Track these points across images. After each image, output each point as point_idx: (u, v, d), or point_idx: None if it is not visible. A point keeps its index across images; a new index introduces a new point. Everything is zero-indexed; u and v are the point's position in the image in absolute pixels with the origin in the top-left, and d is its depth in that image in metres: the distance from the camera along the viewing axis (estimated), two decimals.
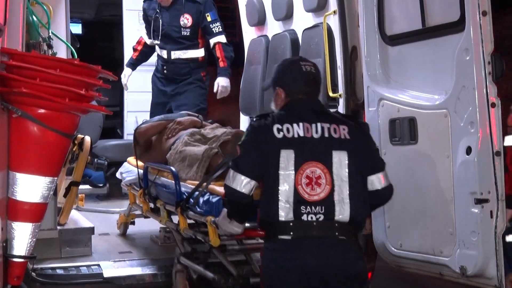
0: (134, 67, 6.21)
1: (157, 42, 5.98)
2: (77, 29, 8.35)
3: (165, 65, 5.97)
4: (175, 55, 5.92)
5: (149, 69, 6.47)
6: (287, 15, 5.55)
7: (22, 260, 3.40)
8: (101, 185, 6.69)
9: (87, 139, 4.88)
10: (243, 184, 3.06)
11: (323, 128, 3.07)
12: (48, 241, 4.13)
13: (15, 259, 3.38)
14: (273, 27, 5.84)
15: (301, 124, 3.06)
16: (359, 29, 4.24)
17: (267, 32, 5.98)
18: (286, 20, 5.63)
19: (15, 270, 3.39)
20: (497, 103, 3.36)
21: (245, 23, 6.32)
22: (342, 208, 2.99)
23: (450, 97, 3.55)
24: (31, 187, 3.37)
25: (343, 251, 3.00)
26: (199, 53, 5.96)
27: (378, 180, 3.14)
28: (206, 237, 3.70)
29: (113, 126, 7.95)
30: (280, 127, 3.05)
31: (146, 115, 6.37)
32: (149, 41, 6.12)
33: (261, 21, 6.02)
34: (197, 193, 3.76)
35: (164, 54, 5.96)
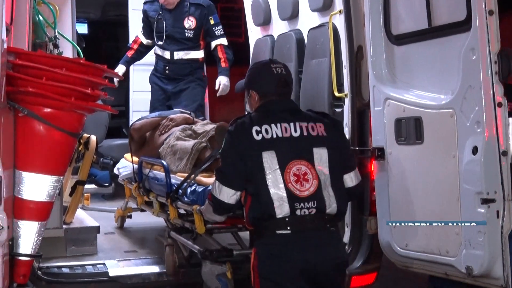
0: (128, 65, 6.28)
1: (160, 43, 6.06)
2: (83, 28, 8.37)
3: (167, 65, 6.11)
4: (178, 55, 6.05)
5: None
6: (292, 14, 5.55)
7: (28, 258, 3.42)
8: (107, 184, 6.70)
9: (93, 138, 4.89)
10: (229, 196, 3.21)
11: (301, 127, 3.22)
12: (54, 239, 4.14)
13: (21, 258, 3.40)
14: (279, 27, 5.84)
15: (279, 124, 3.20)
16: (365, 28, 4.23)
17: (272, 31, 5.98)
18: (291, 19, 5.62)
19: (21, 268, 3.40)
20: (504, 103, 3.34)
21: (250, 23, 6.32)
22: (330, 201, 3.18)
23: (456, 96, 3.54)
24: (37, 186, 3.38)
25: (334, 241, 3.25)
26: (200, 54, 6.14)
27: (350, 178, 3.34)
28: (193, 225, 3.90)
29: (118, 125, 7.96)
30: (258, 129, 3.17)
31: None
32: (145, 41, 6.20)
33: (266, 21, 6.02)
34: (185, 184, 3.98)
35: (166, 54, 6.08)
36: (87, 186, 5.41)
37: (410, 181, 3.88)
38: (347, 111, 4.50)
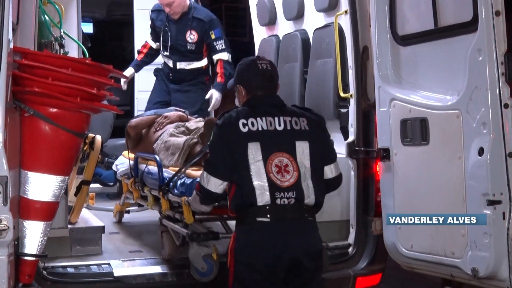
0: (138, 68, 6.30)
1: (166, 53, 6.12)
2: (88, 28, 8.37)
3: (170, 73, 6.18)
4: (181, 65, 6.11)
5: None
6: (298, 14, 5.54)
7: (33, 258, 3.42)
8: (112, 184, 6.70)
9: (98, 138, 4.89)
10: (217, 185, 3.38)
11: (285, 121, 3.39)
12: (59, 239, 4.13)
13: (27, 258, 3.40)
14: (284, 27, 5.83)
15: (264, 118, 3.37)
16: (371, 29, 4.22)
17: (277, 31, 5.98)
18: (297, 19, 5.62)
19: (26, 268, 3.41)
20: (510, 104, 3.34)
21: (255, 23, 6.32)
22: (308, 192, 3.33)
23: (462, 97, 3.53)
24: (42, 186, 3.39)
25: (311, 230, 3.38)
26: (203, 62, 6.16)
27: (330, 170, 3.49)
28: (182, 215, 4.03)
29: (123, 125, 7.91)
30: (245, 122, 3.34)
31: None
32: (155, 45, 6.23)
33: (271, 21, 6.02)
34: (176, 178, 4.14)
35: (170, 63, 6.15)
36: (92, 185, 5.40)
37: (415, 182, 3.88)
38: (352, 112, 4.49)
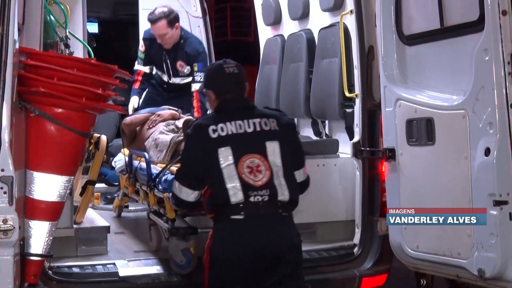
0: (140, 95, 6.31)
1: (159, 73, 6.15)
2: (93, 28, 8.38)
3: (165, 84, 6.22)
4: (175, 80, 6.14)
5: None
6: (303, 14, 5.53)
7: (39, 258, 3.43)
8: (117, 184, 6.70)
9: (103, 138, 4.89)
10: (189, 195, 3.51)
11: (254, 123, 3.47)
12: (64, 239, 4.14)
13: (32, 258, 3.40)
14: (289, 27, 5.83)
15: (233, 122, 3.44)
16: (376, 28, 4.21)
17: (283, 31, 5.97)
18: (302, 19, 5.61)
19: (32, 268, 3.41)
20: None
21: (260, 23, 6.32)
22: (282, 189, 3.41)
23: (468, 97, 3.51)
24: (48, 186, 3.39)
25: (286, 225, 3.45)
26: None
27: (298, 175, 3.57)
28: (165, 210, 4.18)
29: None
30: (215, 128, 3.43)
31: None
32: (147, 68, 6.23)
33: (277, 21, 6.01)
34: (161, 174, 4.25)
35: (164, 78, 6.18)
36: (97, 185, 5.40)
37: (421, 182, 3.86)
38: (358, 112, 4.48)
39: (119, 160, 5.40)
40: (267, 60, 6.11)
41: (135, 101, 6.19)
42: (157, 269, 4.10)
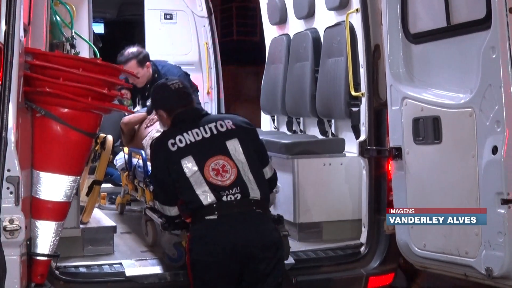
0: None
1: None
2: (99, 28, 8.40)
3: None
4: None
5: None
6: (309, 13, 5.53)
7: (46, 258, 3.43)
8: None
9: (109, 138, 4.90)
10: (171, 210, 3.74)
11: (210, 127, 3.60)
12: (71, 239, 4.15)
13: (39, 258, 3.41)
14: (295, 26, 5.82)
15: (190, 132, 3.58)
16: (382, 27, 4.20)
17: (288, 30, 5.97)
18: (307, 18, 5.60)
19: (39, 268, 3.41)
20: None
21: (266, 22, 6.31)
22: (252, 186, 3.51)
23: (475, 95, 3.50)
24: (54, 186, 3.39)
25: (261, 222, 3.51)
26: None
27: (265, 172, 3.70)
28: None
29: None
30: (173, 141, 3.57)
31: None
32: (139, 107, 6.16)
33: (282, 20, 6.00)
34: None
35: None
36: (104, 185, 5.41)
37: (428, 181, 3.85)
38: (364, 111, 4.47)
39: (120, 158, 5.51)
40: (273, 59, 6.10)
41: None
42: (164, 269, 4.10)
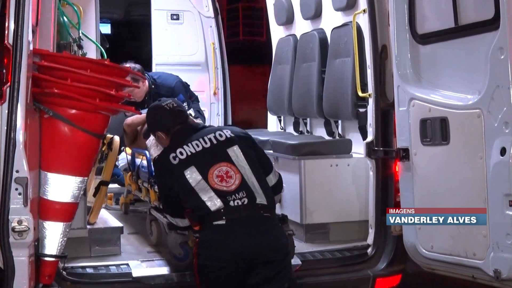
0: None
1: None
2: (106, 29, 8.42)
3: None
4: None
5: (178, 68, 6.53)
6: (315, 14, 5.52)
7: (53, 259, 3.44)
8: None
9: (116, 139, 4.91)
10: (181, 222, 3.81)
11: (209, 138, 3.68)
12: (78, 240, 4.15)
13: (47, 258, 3.42)
14: (302, 26, 5.81)
15: (190, 144, 3.66)
16: (389, 27, 4.19)
17: (295, 31, 5.96)
18: (314, 19, 5.60)
19: (46, 269, 3.43)
20: None
21: (273, 22, 6.31)
22: (257, 191, 3.54)
23: (483, 96, 3.48)
24: (62, 187, 3.40)
25: (269, 226, 3.54)
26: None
27: (269, 180, 3.75)
28: None
29: None
30: (174, 155, 3.64)
31: None
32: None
33: (289, 20, 6.00)
34: None
35: None
36: (111, 186, 5.42)
37: (435, 182, 3.84)
38: (371, 111, 4.46)
39: (122, 159, 5.53)
40: (280, 60, 6.10)
41: None
42: (171, 270, 4.10)
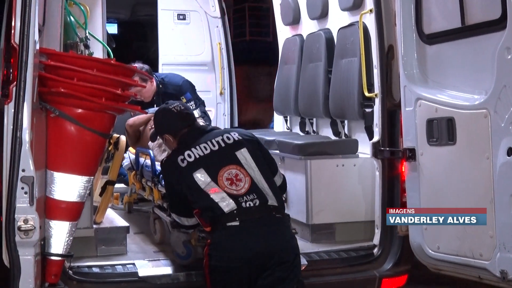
0: None
1: None
2: (112, 29, 8.44)
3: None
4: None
5: (184, 68, 6.53)
6: (322, 14, 5.51)
7: (59, 258, 3.45)
8: None
9: (123, 138, 4.92)
10: (189, 221, 3.79)
11: (217, 141, 3.67)
12: (84, 239, 4.16)
13: (53, 257, 3.43)
14: (308, 26, 5.81)
15: (198, 147, 3.65)
16: (396, 27, 4.18)
17: (301, 31, 5.95)
18: (321, 19, 5.59)
19: (52, 268, 3.44)
20: None
21: (279, 22, 6.31)
22: (267, 193, 3.54)
23: (490, 97, 3.47)
24: (68, 186, 3.42)
25: (281, 227, 3.54)
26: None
27: (275, 181, 3.74)
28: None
29: None
30: (182, 157, 3.62)
31: None
32: None
33: (295, 20, 5.99)
34: None
35: None
36: (117, 185, 5.43)
37: (442, 182, 3.82)
38: (377, 111, 4.45)
39: (126, 158, 5.57)
40: (286, 60, 6.09)
41: None
42: (177, 269, 4.10)
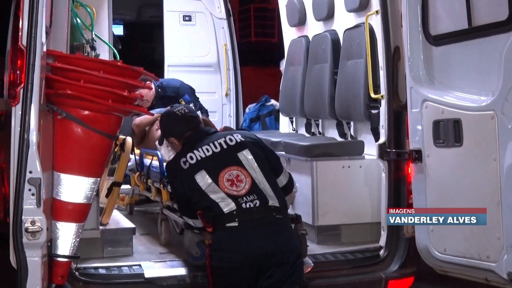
0: None
1: None
2: (118, 30, 8.46)
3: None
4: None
5: (190, 70, 6.54)
6: (328, 15, 5.51)
7: (66, 259, 3.46)
8: None
9: (129, 140, 4.93)
10: (195, 223, 3.81)
11: (220, 143, 3.68)
12: (90, 240, 4.17)
13: (60, 259, 3.44)
14: (314, 28, 5.81)
15: (200, 149, 3.67)
16: (402, 29, 4.17)
17: (307, 32, 5.95)
18: (327, 20, 5.59)
19: (59, 269, 3.45)
20: None
21: (285, 24, 6.30)
22: (269, 194, 3.54)
23: (497, 98, 3.46)
24: (75, 188, 3.42)
25: (282, 227, 3.54)
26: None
27: (279, 181, 3.75)
28: None
29: None
30: (184, 159, 3.65)
31: None
32: None
33: (301, 22, 5.99)
34: None
35: None
36: (123, 187, 5.44)
37: (448, 184, 3.81)
38: (383, 113, 4.45)
39: (131, 159, 5.53)
40: (292, 61, 6.09)
41: None
42: (183, 271, 4.11)
